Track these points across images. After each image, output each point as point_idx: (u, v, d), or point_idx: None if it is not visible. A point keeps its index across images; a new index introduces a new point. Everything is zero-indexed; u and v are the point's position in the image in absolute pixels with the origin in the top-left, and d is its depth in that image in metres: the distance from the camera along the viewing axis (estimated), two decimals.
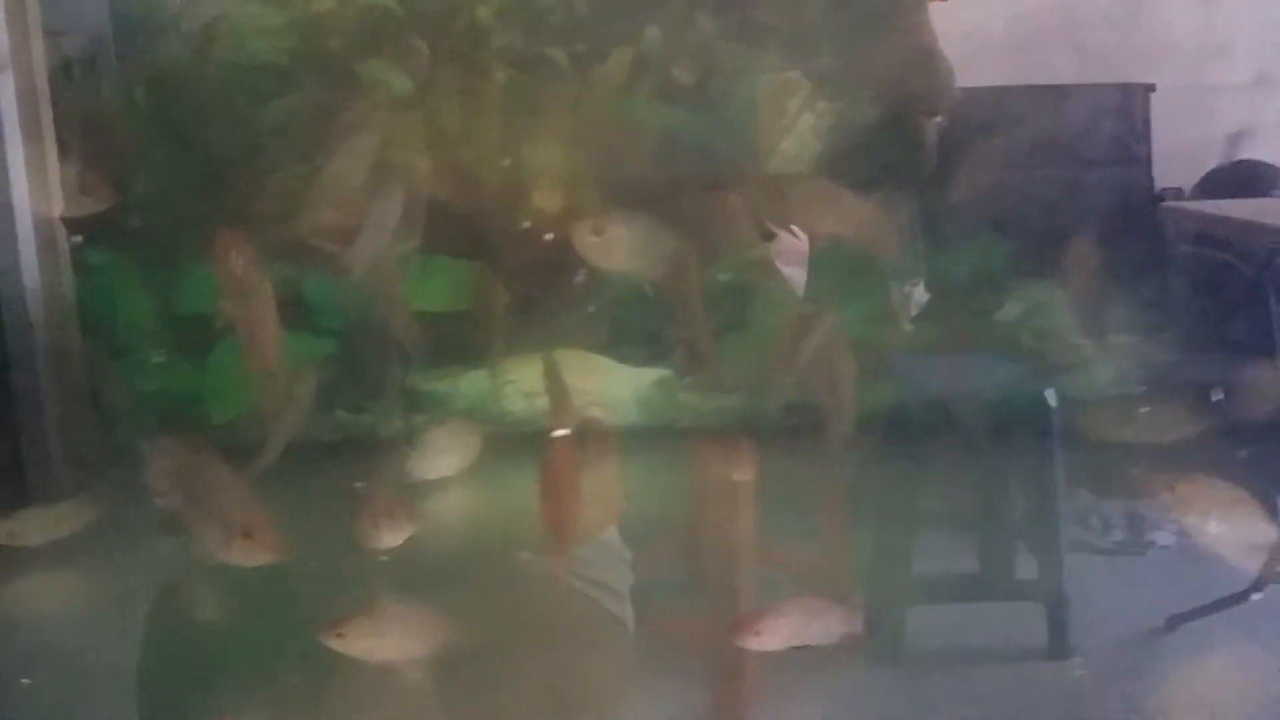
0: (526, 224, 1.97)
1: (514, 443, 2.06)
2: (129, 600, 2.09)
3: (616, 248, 1.83)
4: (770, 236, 2.04)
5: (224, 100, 1.82)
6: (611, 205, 1.82)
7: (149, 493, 1.94)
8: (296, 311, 1.91)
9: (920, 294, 2.73)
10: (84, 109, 1.84)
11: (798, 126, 2.05)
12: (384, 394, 1.94)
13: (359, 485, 1.86)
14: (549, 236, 1.94)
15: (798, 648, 1.94)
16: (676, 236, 1.87)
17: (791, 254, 2.11)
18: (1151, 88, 6.52)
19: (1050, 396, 3.71)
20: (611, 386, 2.08)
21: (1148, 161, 6.55)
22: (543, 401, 1.95)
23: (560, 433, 1.96)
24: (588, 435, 1.94)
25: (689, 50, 1.98)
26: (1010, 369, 2.69)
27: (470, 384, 2.03)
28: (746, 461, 2.05)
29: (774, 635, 1.83)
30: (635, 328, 2.04)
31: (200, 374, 1.91)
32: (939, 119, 2.36)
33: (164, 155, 1.79)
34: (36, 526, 1.90)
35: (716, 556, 2.56)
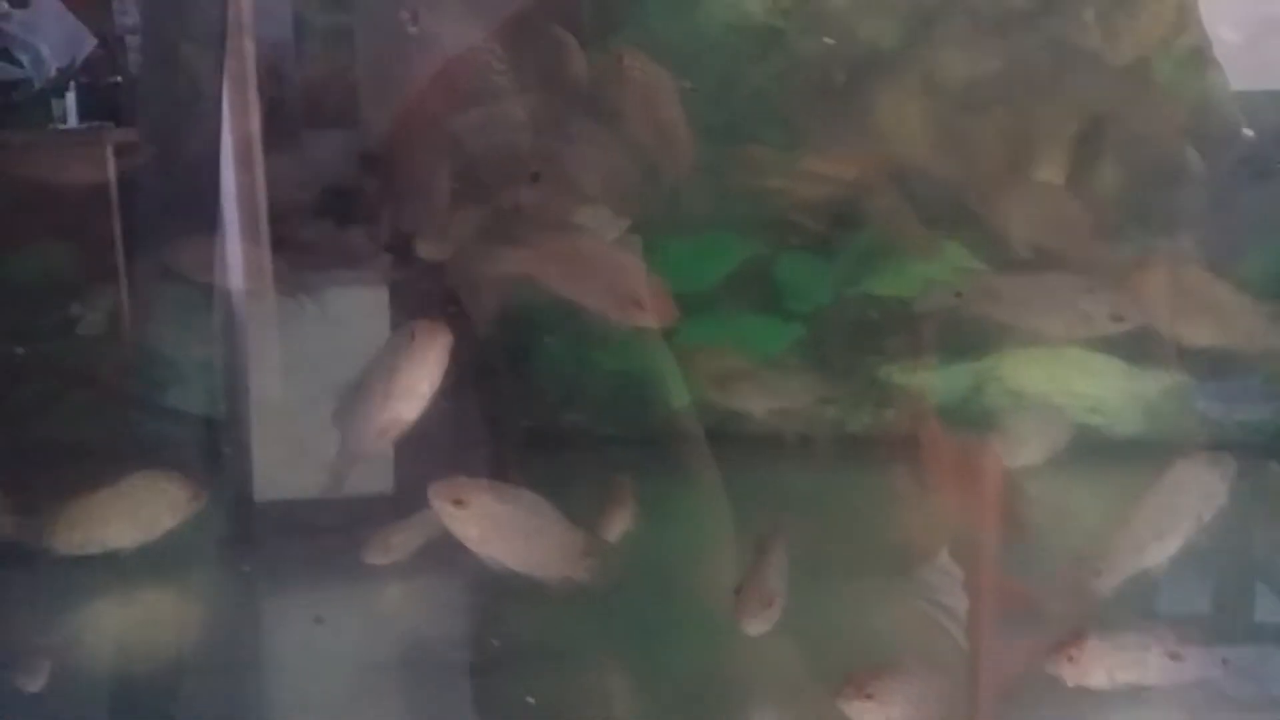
0: (1026, 203, 1.81)
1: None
2: None
3: None
4: None
5: (709, 64, 1.77)
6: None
7: None
8: (765, 293, 1.84)
9: None
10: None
11: None
12: (852, 385, 1.83)
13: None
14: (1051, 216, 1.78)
15: None
16: None
17: None
18: None
19: None
20: (1112, 391, 1.89)
21: None
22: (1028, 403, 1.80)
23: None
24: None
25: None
26: None
27: (949, 378, 1.89)
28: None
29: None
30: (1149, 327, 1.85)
31: (663, 355, 1.86)
32: None
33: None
34: None
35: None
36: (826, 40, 1.67)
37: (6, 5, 3.58)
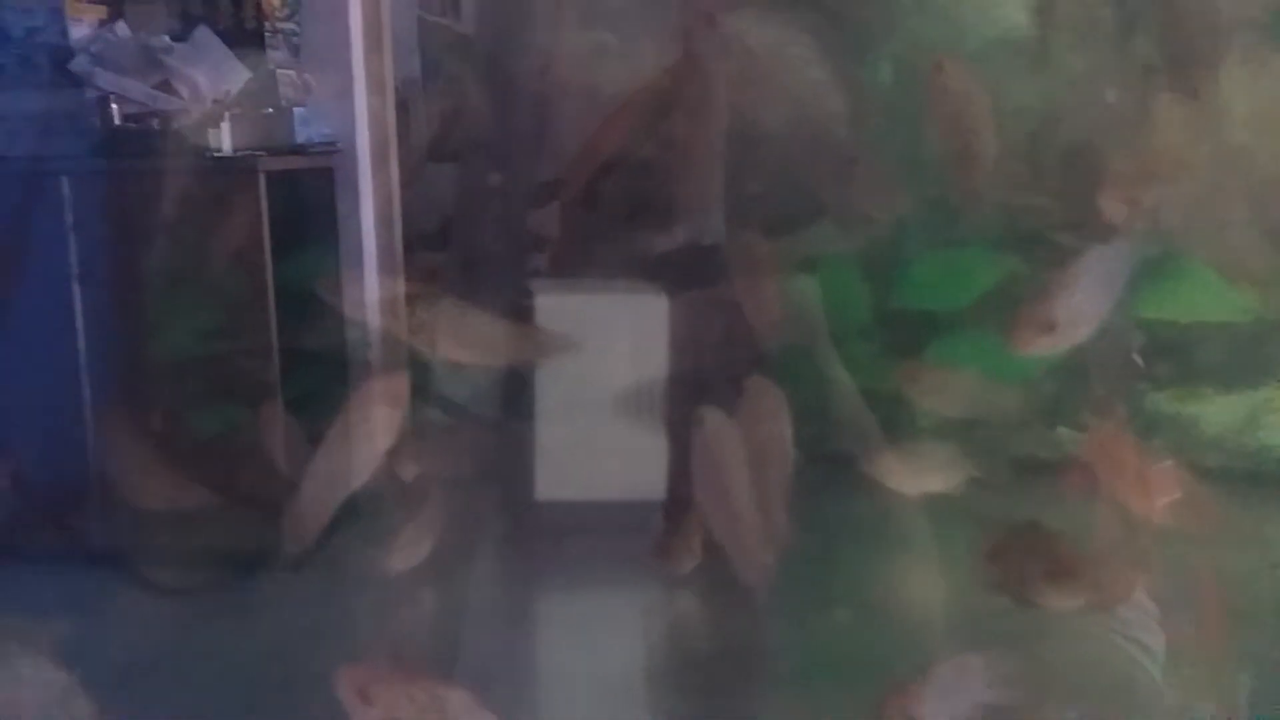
0: None
1: (1271, 484, 1.82)
2: None
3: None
4: None
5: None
6: None
7: None
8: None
9: None
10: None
11: None
12: (1114, 412, 1.76)
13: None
14: None
15: None
16: None
17: None
18: None
19: None
20: None
21: None
22: None
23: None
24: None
25: None
26: None
27: (1222, 409, 1.81)
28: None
29: None
30: None
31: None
32: None
33: (899, 140, 1.73)
34: None
35: None
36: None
37: (168, 40, 3.71)
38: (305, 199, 4.19)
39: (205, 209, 3.44)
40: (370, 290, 4.28)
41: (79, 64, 3.58)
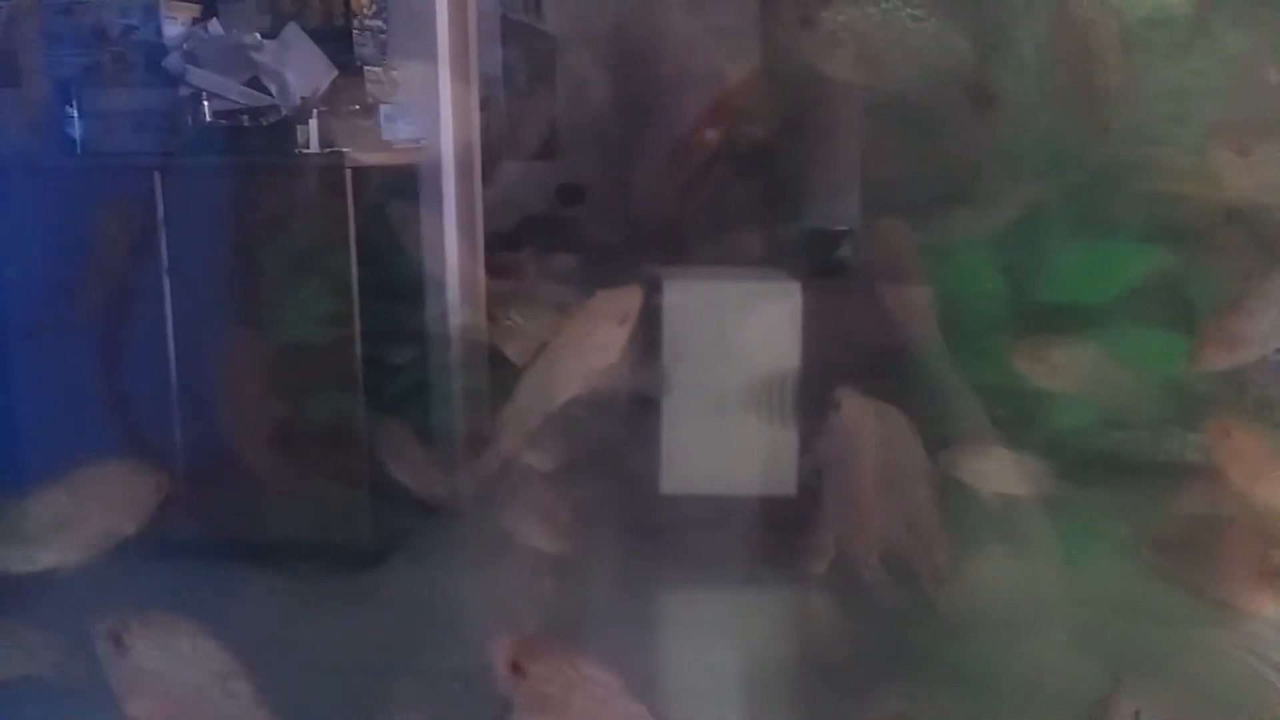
0: None
1: None
2: None
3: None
4: None
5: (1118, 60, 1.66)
6: None
7: None
8: (1176, 310, 1.69)
9: None
10: None
11: None
12: (1241, 408, 1.66)
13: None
14: None
15: None
16: None
17: None
18: None
19: None
20: None
21: None
22: None
23: None
24: None
25: None
26: None
27: None
28: None
29: None
30: None
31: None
32: None
33: (1042, 123, 1.65)
34: None
35: None
36: None
37: (259, 37, 3.75)
38: (391, 196, 4.20)
39: (292, 205, 3.48)
40: (452, 288, 4.27)
41: (171, 61, 3.62)
